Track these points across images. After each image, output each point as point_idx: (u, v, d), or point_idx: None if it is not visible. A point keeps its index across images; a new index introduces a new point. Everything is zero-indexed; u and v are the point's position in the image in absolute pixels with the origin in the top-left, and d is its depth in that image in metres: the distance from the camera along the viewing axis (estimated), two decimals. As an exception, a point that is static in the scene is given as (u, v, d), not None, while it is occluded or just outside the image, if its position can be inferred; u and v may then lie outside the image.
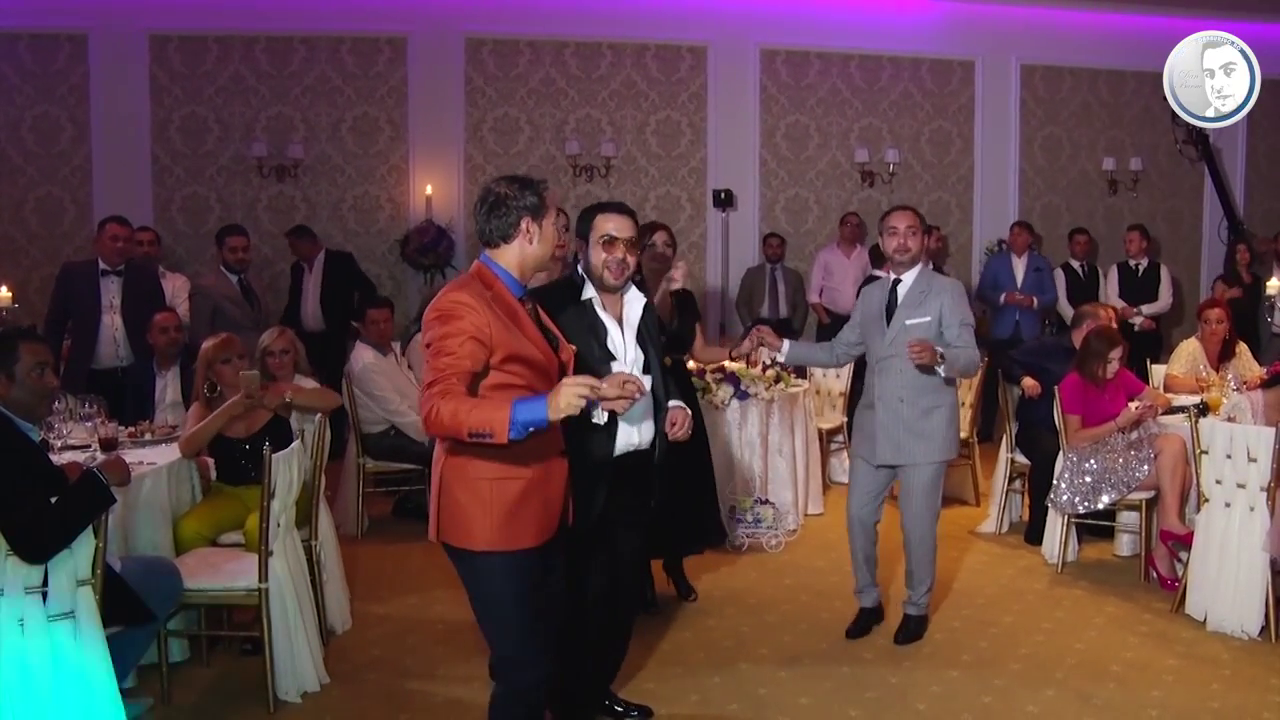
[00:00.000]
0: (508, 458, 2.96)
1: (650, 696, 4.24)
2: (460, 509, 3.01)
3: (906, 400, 4.60)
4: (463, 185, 9.77)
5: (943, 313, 4.57)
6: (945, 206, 10.53)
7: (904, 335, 4.56)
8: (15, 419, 3.46)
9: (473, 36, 9.74)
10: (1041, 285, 9.06)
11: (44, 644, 3.37)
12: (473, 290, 2.98)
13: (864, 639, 4.83)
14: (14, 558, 3.32)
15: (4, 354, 3.45)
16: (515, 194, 3.08)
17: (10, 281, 8.35)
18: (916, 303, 4.60)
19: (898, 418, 4.61)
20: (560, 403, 2.68)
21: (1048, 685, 4.33)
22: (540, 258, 3.13)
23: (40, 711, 3.35)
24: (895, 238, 4.62)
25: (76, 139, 9.09)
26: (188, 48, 9.23)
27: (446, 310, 2.93)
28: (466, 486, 3.00)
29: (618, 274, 3.58)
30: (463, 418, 2.75)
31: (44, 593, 3.38)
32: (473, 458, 2.98)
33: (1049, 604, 5.30)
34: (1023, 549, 6.17)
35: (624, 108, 10.06)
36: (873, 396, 4.69)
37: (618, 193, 10.04)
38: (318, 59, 9.48)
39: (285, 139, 9.40)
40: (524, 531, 3.03)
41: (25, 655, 3.35)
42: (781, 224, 10.33)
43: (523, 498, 3.01)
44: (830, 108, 10.32)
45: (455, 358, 2.87)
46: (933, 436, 4.64)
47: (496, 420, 2.71)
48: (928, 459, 4.65)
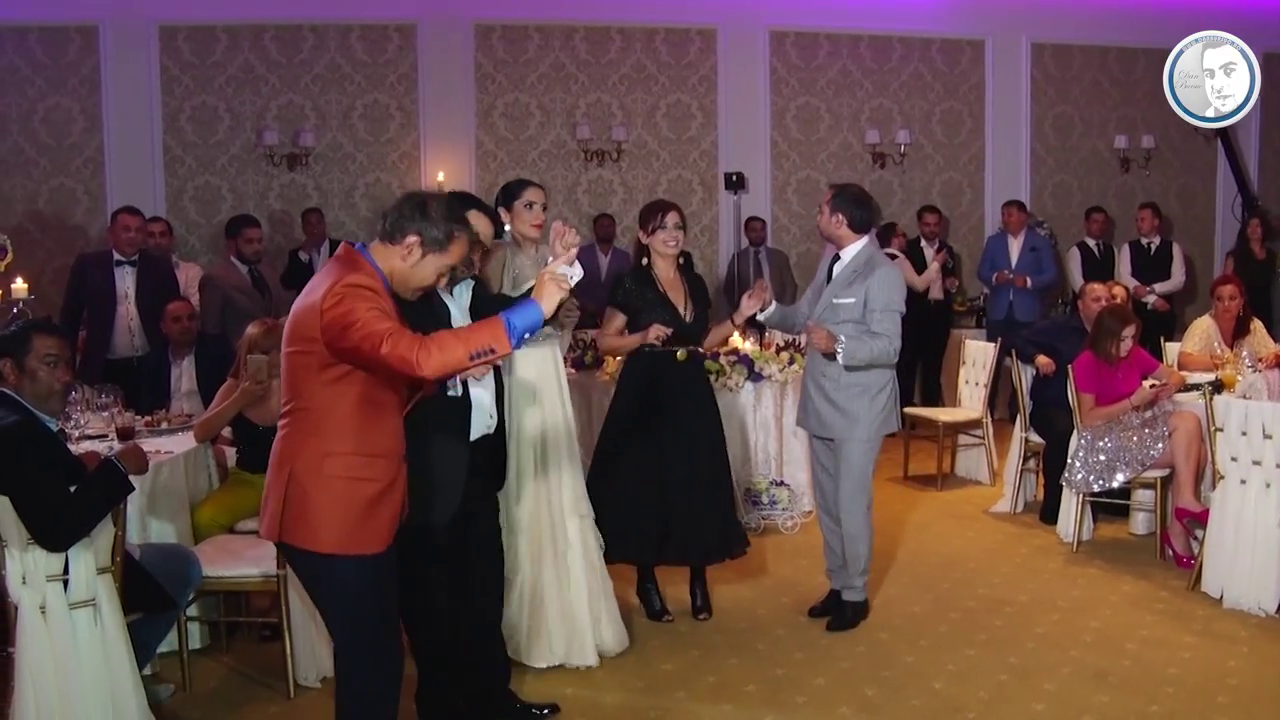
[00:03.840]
0: (365, 459, 2.92)
1: (667, 679, 4.27)
2: (312, 508, 2.90)
3: (829, 376, 4.59)
4: (474, 171, 9.76)
5: (868, 298, 4.52)
6: (957, 187, 10.49)
7: (830, 314, 4.57)
8: (35, 410, 3.49)
9: (481, 22, 9.72)
10: (1039, 264, 8.99)
11: (66, 631, 3.42)
12: (366, 278, 2.87)
13: (884, 619, 4.82)
14: (36, 546, 3.36)
15: (17, 345, 3.47)
16: (435, 217, 2.95)
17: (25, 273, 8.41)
18: (847, 282, 4.58)
19: (822, 392, 4.63)
20: (549, 296, 2.74)
21: (1064, 663, 4.34)
22: (404, 280, 2.98)
23: (63, 697, 3.39)
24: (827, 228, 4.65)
25: (88, 130, 9.11)
26: (197, 38, 9.23)
27: (354, 293, 2.81)
28: (321, 485, 2.90)
29: (467, 270, 3.61)
30: (459, 345, 2.75)
31: (65, 580, 3.43)
32: (330, 456, 2.90)
33: (1064, 583, 5.30)
34: (1038, 528, 6.17)
35: (634, 91, 10.04)
36: (807, 366, 4.78)
37: (629, 176, 10.05)
38: (327, 47, 9.47)
39: (296, 127, 9.40)
40: (375, 536, 2.95)
41: (48, 642, 3.39)
42: (792, 206, 10.30)
43: (377, 500, 2.95)
44: (841, 89, 10.27)
45: (392, 322, 2.79)
46: (856, 415, 4.58)
47: (496, 335, 2.74)
48: (852, 436, 4.60)
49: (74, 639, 3.43)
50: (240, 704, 4.13)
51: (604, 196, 10.03)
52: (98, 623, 3.48)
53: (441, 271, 3.02)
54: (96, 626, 3.48)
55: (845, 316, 4.55)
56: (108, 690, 3.47)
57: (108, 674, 3.48)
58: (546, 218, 4.31)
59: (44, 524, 3.32)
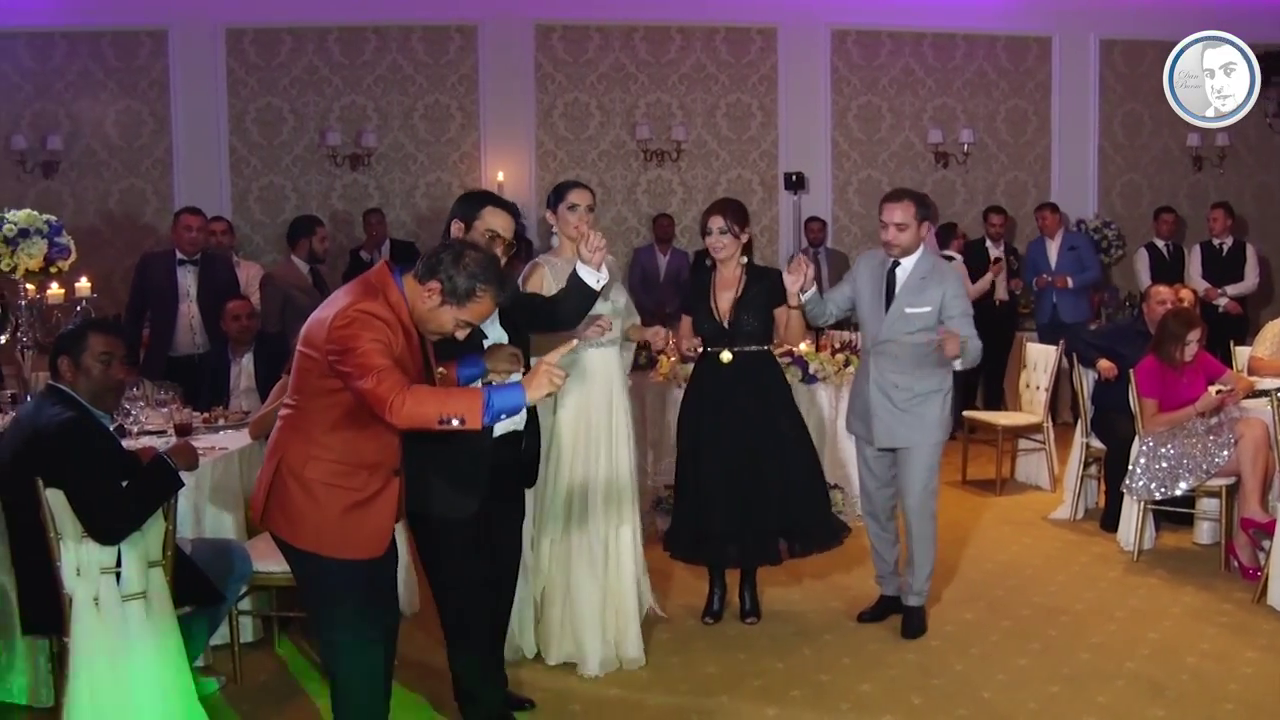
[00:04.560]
0: (346, 468, 3.01)
1: (712, 681, 4.25)
2: (292, 503, 3.02)
3: (902, 385, 4.52)
4: (534, 171, 9.83)
5: (944, 302, 4.46)
6: (1022, 187, 10.31)
7: (903, 324, 4.48)
8: (90, 407, 3.56)
9: (542, 23, 9.78)
10: (1080, 263, 8.78)
11: (118, 622, 3.49)
12: (383, 307, 2.94)
13: (935, 626, 4.74)
14: (89, 539, 3.43)
15: (74, 343, 3.56)
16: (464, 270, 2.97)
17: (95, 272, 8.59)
18: (916, 289, 4.48)
19: (890, 402, 4.53)
20: (539, 387, 2.74)
21: (1119, 676, 4.23)
22: (422, 321, 3.03)
23: (115, 685, 3.46)
24: (883, 231, 4.51)
25: (157, 132, 9.33)
26: (262, 40, 9.41)
27: (362, 321, 2.88)
28: (301, 485, 3.01)
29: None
30: (433, 405, 2.80)
31: (118, 573, 3.49)
32: (314, 458, 3.00)
33: (1123, 592, 5.17)
34: (1098, 536, 6.03)
35: (694, 91, 10.02)
36: (866, 378, 4.62)
37: (689, 176, 10.04)
38: (389, 48, 9.59)
39: (358, 128, 9.54)
40: (351, 543, 3.03)
41: (101, 632, 3.46)
42: (854, 206, 10.21)
43: (355, 509, 3.02)
44: (903, 88, 10.16)
45: (390, 360, 2.86)
46: (928, 420, 4.54)
47: (471, 407, 2.78)
48: (924, 441, 4.55)
49: (126, 630, 3.49)
50: (289, 697, 4.19)
51: (663, 196, 10.02)
52: (149, 615, 3.54)
53: (459, 324, 3.04)
54: (147, 618, 3.54)
55: (919, 325, 4.48)
56: (158, 680, 3.54)
57: (158, 664, 3.54)
58: (594, 219, 4.31)
59: (96, 517, 3.39)
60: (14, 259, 4.55)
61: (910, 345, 4.52)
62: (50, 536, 3.41)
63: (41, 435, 3.43)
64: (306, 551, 3.04)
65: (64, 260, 4.67)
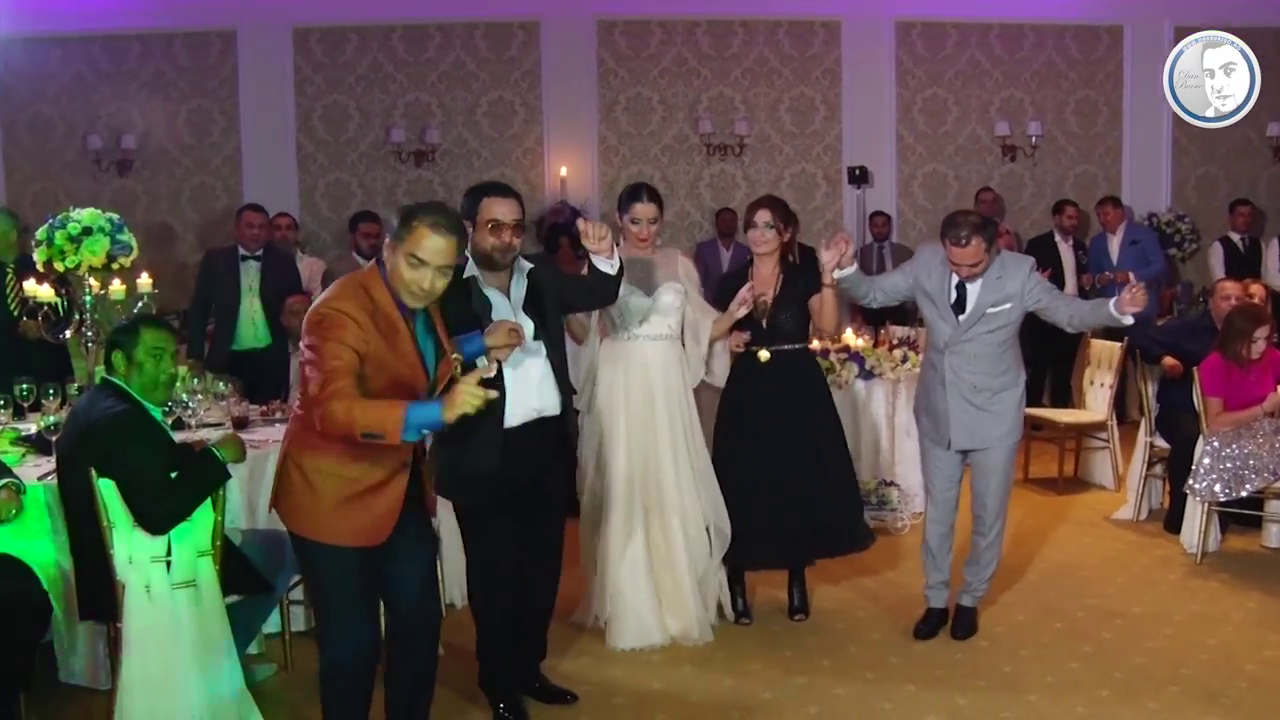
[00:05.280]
0: (345, 458, 3.05)
1: (755, 678, 4.24)
2: (294, 489, 3.13)
3: (980, 385, 4.43)
4: (597, 166, 9.87)
5: (1024, 290, 4.37)
6: (1092, 180, 10.08)
7: (985, 323, 4.37)
8: (142, 400, 3.66)
9: (604, 18, 9.80)
10: (1144, 257, 8.55)
11: (168, 609, 3.57)
12: (357, 301, 2.99)
13: (986, 627, 4.66)
14: (140, 529, 3.53)
15: (127, 338, 3.66)
16: (402, 213, 3.08)
17: (168, 267, 8.87)
18: (994, 288, 4.36)
19: (971, 404, 4.44)
20: (455, 406, 2.74)
21: (1173, 682, 4.13)
22: (402, 287, 3.04)
23: (165, 671, 3.55)
24: (956, 269, 4.35)
25: (227, 130, 9.55)
26: (329, 39, 9.57)
27: (331, 320, 2.94)
28: (302, 472, 3.11)
29: (505, 254, 3.69)
30: (357, 416, 2.82)
31: (168, 562, 3.58)
32: (314, 447, 3.07)
33: (1183, 596, 5.05)
34: (1161, 537, 5.89)
35: (757, 85, 9.97)
36: (939, 379, 4.48)
37: (752, 171, 10.00)
38: (453, 45, 9.69)
39: (423, 124, 9.65)
40: (344, 531, 3.10)
41: (152, 619, 3.56)
42: (918, 200, 10.08)
43: (351, 499, 3.09)
44: (969, 80, 9.99)
45: (342, 364, 2.90)
46: (1006, 417, 4.47)
47: (390, 421, 2.79)
48: (1004, 440, 4.48)
49: (175, 617, 3.58)
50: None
51: (726, 191, 9.99)
52: (198, 603, 3.63)
53: (410, 262, 3.02)
54: (197, 606, 3.62)
55: (1001, 323, 4.40)
56: (206, 667, 3.62)
57: (207, 651, 3.63)
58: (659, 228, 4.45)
59: (145, 507, 3.49)
60: (78, 255, 4.68)
61: (989, 343, 4.43)
62: (103, 526, 3.51)
63: (95, 427, 3.54)
64: (300, 535, 3.16)
65: (125, 257, 4.78)
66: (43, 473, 4.10)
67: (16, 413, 4.90)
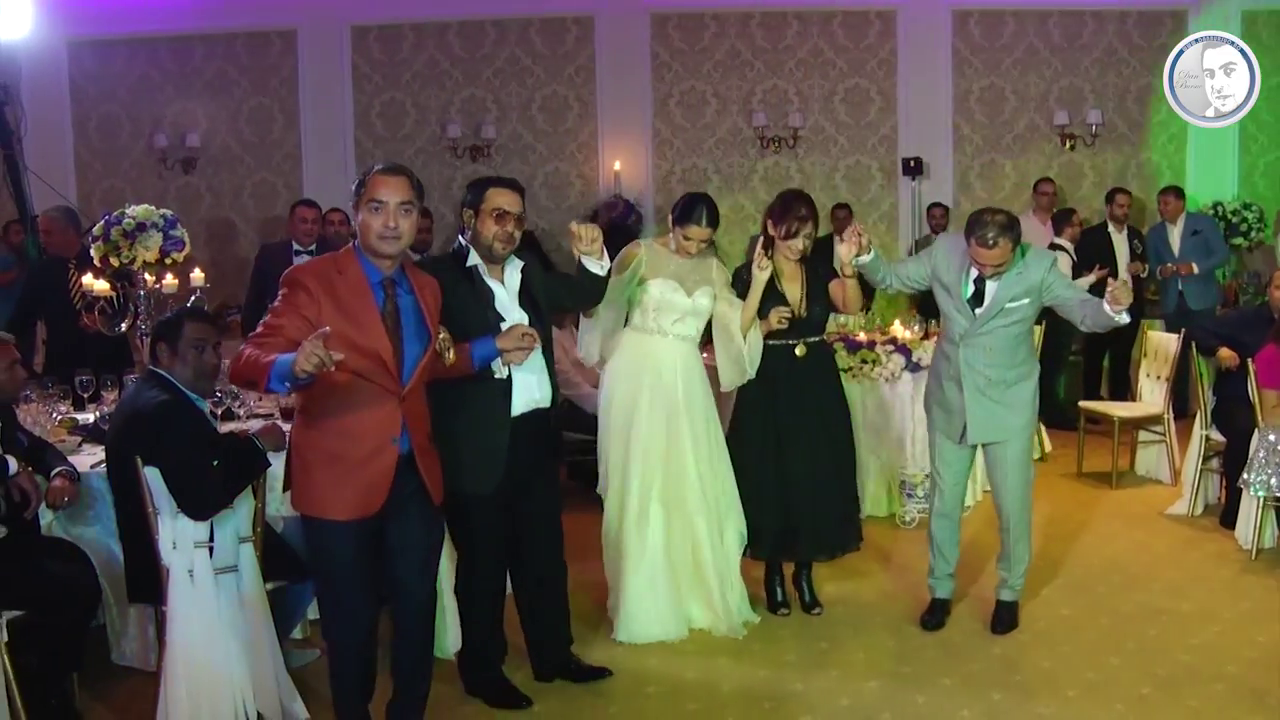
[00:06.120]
0: (330, 432, 3.22)
1: (789, 669, 4.25)
2: (294, 469, 3.33)
3: (995, 377, 4.37)
4: (651, 160, 9.90)
5: (1043, 284, 4.31)
6: (1154, 168, 9.86)
7: (1003, 317, 4.32)
8: (186, 390, 3.77)
9: (658, 11, 9.83)
10: (1206, 247, 8.32)
11: (210, 593, 3.68)
12: (321, 271, 3.23)
13: (1027, 621, 4.62)
14: (184, 515, 3.64)
15: (171, 331, 3.78)
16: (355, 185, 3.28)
17: (230, 262, 9.09)
18: (1014, 283, 4.31)
19: (986, 397, 4.38)
20: (300, 360, 2.82)
21: (1217, 680, 4.05)
22: (370, 239, 3.22)
23: (207, 653, 3.66)
24: (980, 268, 4.30)
25: (287, 128, 9.75)
26: (386, 37, 9.72)
27: (291, 281, 3.22)
28: (297, 450, 3.32)
29: (506, 245, 3.78)
30: (244, 363, 3.02)
31: (210, 548, 3.69)
32: (305, 427, 3.28)
33: (1234, 593, 4.94)
34: (1216, 533, 5.76)
35: (811, 77, 9.92)
36: (954, 372, 4.43)
37: (806, 163, 9.95)
38: (507, 41, 9.78)
39: (478, 120, 9.76)
40: (326, 502, 3.24)
41: (195, 603, 3.66)
42: (975, 191, 9.94)
43: (331, 470, 3.22)
44: (1027, 68, 9.83)
45: (281, 323, 3.12)
46: (1022, 407, 4.43)
47: (260, 369, 2.96)
48: (1021, 432, 4.44)
49: (217, 602, 3.69)
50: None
51: (780, 183, 9.90)
52: (239, 588, 3.74)
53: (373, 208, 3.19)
54: (238, 591, 3.74)
55: (1018, 317, 4.37)
56: (248, 650, 3.72)
57: (248, 635, 3.73)
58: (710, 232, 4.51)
59: (188, 494, 3.59)
60: (132, 251, 4.83)
61: (1006, 336, 4.39)
62: (149, 512, 3.63)
63: (140, 416, 3.66)
64: (301, 514, 3.31)
65: (178, 252, 4.92)
66: (96, 461, 4.24)
67: (76, 403, 5.08)
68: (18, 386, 4.11)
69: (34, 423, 4.58)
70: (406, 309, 3.31)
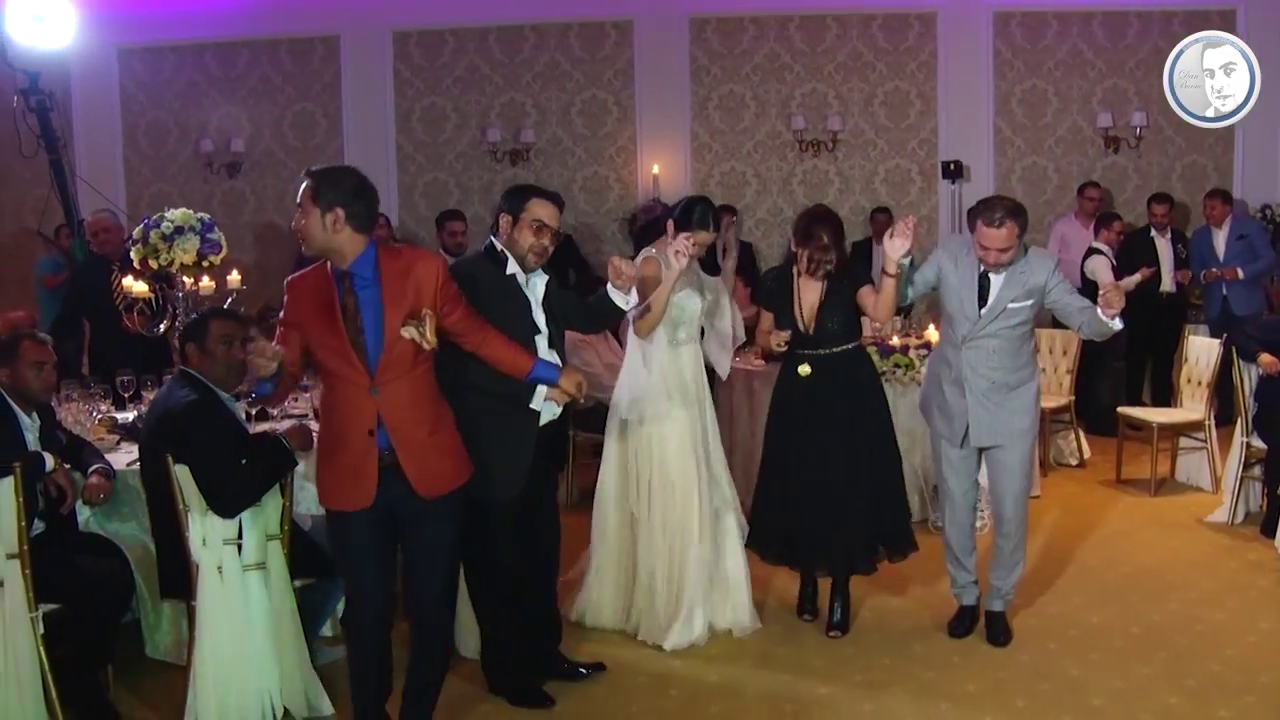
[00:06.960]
0: (326, 427, 3.40)
1: (814, 673, 4.25)
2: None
3: (997, 380, 4.33)
4: (689, 164, 9.91)
5: (1046, 287, 4.27)
6: (1201, 171, 9.70)
7: (1005, 319, 4.29)
8: (216, 389, 3.85)
9: (696, 16, 9.83)
10: (1252, 252, 8.15)
11: (239, 589, 3.76)
12: (304, 273, 3.45)
13: (1058, 629, 4.59)
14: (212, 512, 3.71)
15: (198, 330, 3.86)
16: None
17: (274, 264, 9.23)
18: (1016, 283, 4.27)
19: (988, 400, 4.35)
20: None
21: (1248, 691, 3.99)
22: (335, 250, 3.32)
23: (235, 647, 3.73)
24: (984, 254, 4.24)
25: (329, 133, 9.89)
26: (427, 42, 9.81)
27: (286, 288, 3.47)
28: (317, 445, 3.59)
29: (540, 258, 3.82)
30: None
31: (239, 545, 3.76)
32: (319, 422, 3.59)
33: (1271, 603, 4.86)
34: (1255, 541, 5.67)
35: (850, 80, 9.87)
36: (955, 375, 4.38)
37: (845, 167, 9.91)
38: (547, 45, 9.83)
39: (518, 124, 9.83)
40: (331, 494, 3.38)
41: (224, 598, 3.74)
42: (1018, 195, 9.81)
43: (330, 464, 3.36)
44: (1070, 70, 9.70)
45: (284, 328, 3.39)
46: (1024, 411, 4.39)
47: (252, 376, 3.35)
48: (1023, 436, 4.40)
49: (246, 598, 3.77)
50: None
51: (819, 187, 9.93)
52: (267, 584, 3.81)
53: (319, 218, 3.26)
54: (266, 587, 3.81)
55: (1019, 319, 4.34)
56: (275, 646, 3.79)
57: (275, 631, 3.80)
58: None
59: (216, 492, 3.67)
60: (171, 254, 4.93)
61: (1008, 338, 4.35)
62: (179, 509, 3.71)
63: (170, 415, 3.74)
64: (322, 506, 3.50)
65: (215, 255, 5.02)
66: (132, 459, 4.33)
67: (118, 402, 5.19)
68: (50, 387, 4.19)
69: (75, 421, 4.70)
70: (368, 301, 3.28)
